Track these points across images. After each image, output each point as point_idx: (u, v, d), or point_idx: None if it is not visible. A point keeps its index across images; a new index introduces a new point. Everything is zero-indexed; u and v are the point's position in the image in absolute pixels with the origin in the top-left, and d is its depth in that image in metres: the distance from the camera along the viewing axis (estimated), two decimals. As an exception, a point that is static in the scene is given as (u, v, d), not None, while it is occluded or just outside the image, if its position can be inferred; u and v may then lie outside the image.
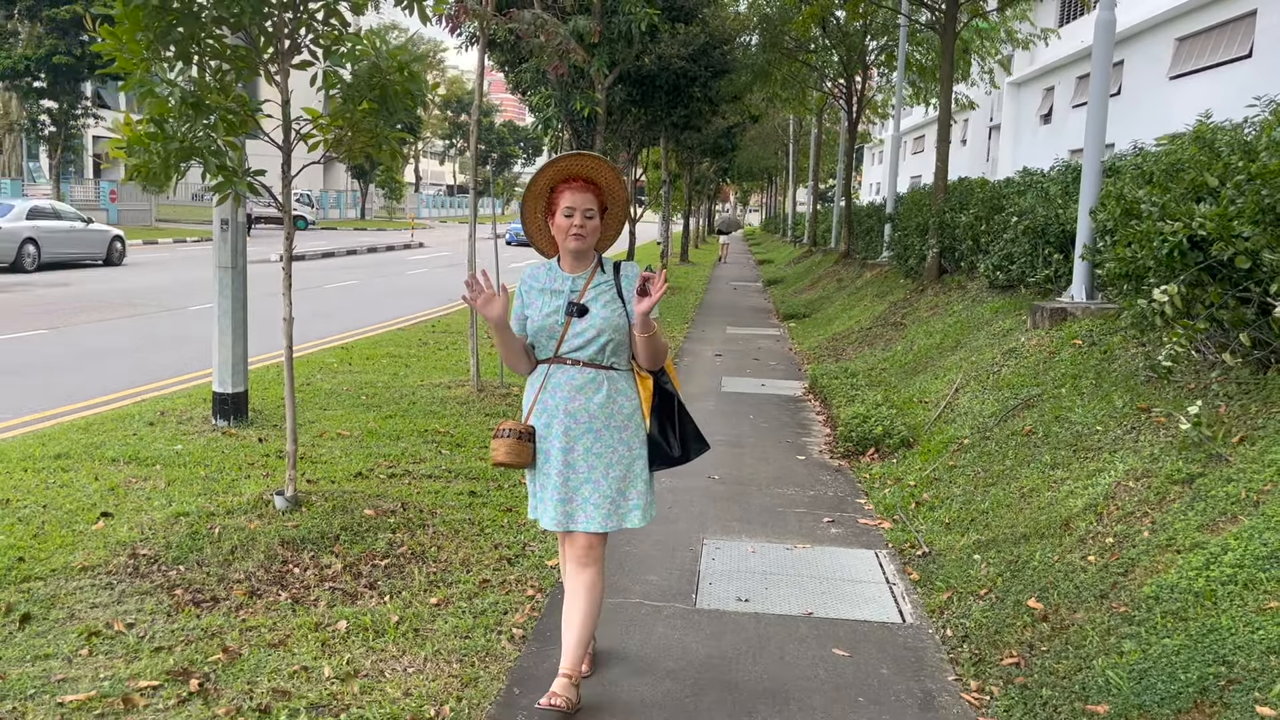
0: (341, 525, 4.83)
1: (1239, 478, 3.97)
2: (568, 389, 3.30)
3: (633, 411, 3.35)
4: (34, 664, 3.43)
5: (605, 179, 3.39)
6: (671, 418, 3.47)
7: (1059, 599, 3.92)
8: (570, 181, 3.33)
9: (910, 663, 3.75)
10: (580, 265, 3.38)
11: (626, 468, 3.33)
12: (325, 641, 3.70)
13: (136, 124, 4.81)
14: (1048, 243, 8.78)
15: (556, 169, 3.37)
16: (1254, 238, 4.49)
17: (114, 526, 4.84)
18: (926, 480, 6.02)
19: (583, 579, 3.33)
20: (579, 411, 3.29)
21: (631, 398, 3.36)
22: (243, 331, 7.35)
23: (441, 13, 6.80)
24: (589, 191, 3.32)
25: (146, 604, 3.97)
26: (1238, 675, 2.93)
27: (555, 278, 3.39)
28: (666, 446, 3.44)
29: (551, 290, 3.36)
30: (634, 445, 3.34)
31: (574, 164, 3.38)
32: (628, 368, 3.39)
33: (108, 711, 3.12)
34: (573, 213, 3.29)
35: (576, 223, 3.28)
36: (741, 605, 4.25)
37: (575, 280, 3.35)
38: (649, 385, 3.42)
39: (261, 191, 4.91)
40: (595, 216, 3.32)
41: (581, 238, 3.29)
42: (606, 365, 3.32)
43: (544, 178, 3.37)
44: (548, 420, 3.33)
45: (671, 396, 3.48)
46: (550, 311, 3.32)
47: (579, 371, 3.31)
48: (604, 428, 3.30)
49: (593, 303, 3.31)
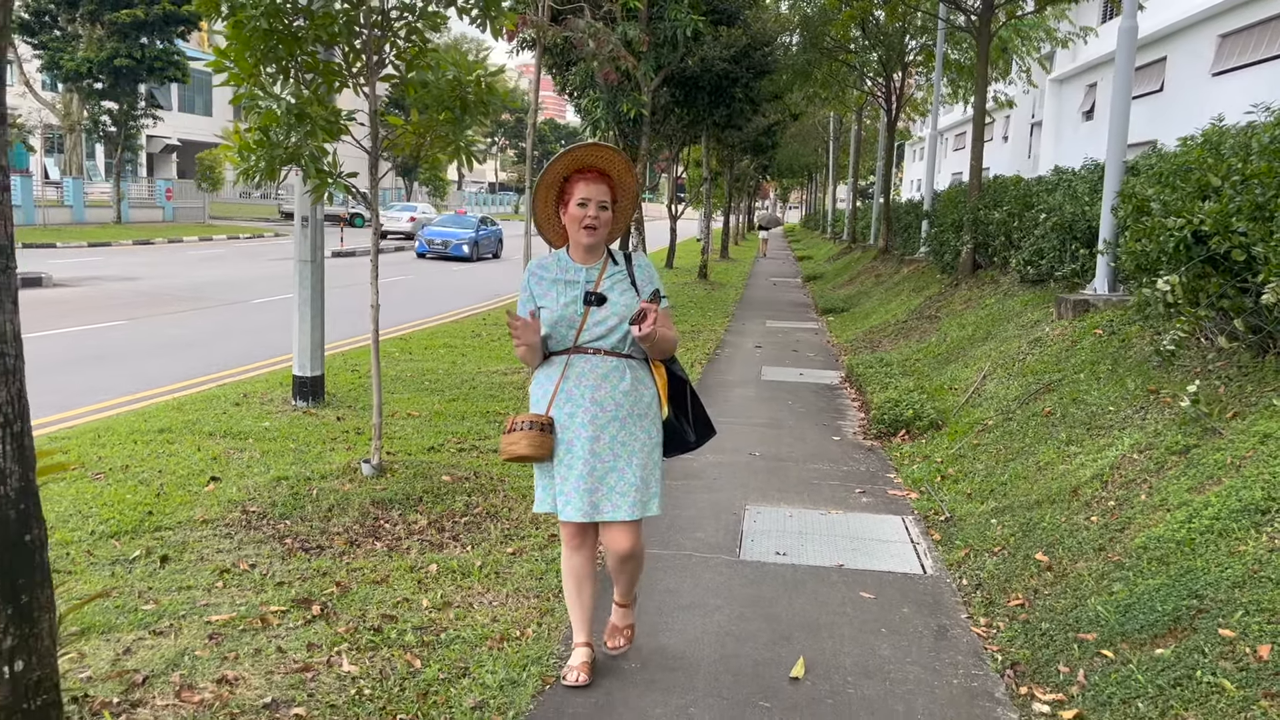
0: (423, 489, 5.43)
1: (1228, 447, 4.44)
2: (592, 377, 3.30)
3: (652, 399, 3.38)
4: (180, 593, 4.05)
5: (617, 170, 3.38)
6: (684, 404, 3.52)
7: (1063, 553, 4.42)
8: (584, 172, 3.33)
9: (928, 604, 4.28)
10: (592, 257, 3.38)
11: (648, 455, 3.35)
12: (420, 580, 4.30)
13: (245, 132, 5.44)
14: (1075, 238, 9.20)
15: (571, 158, 3.35)
16: (1250, 232, 4.94)
17: (223, 488, 5.48)
18: (952, 457, 6.51)
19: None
20: (606, 400, 3.29)
21: (650, 386, 3.39)
22: (320, 320, 7.99)
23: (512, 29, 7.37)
24: (603, 183, 3.32)
25: (263, 550, 4.59)
26: (1207, 606, 3.43)
27: (567, 268, 3.38)
28: (682, 432, 3.50)
29: (565, 281, 3.35)
30: (654, 433, 3.38)
31: (588, 154, 3.36)
32: (644, 356, 3.40)
33: (248, 628, 3.73)
34: (587, 203, 3.29)
35: (590, 214, 3.28)
36: (779, 558, 4.79)
37: (589, 271, 3.36)
38: (663, 373, 3.46)
39: (354, 192, 5.51)
40: (608, 208, 3.33)
41: (594, 230, 3.30)
42: (626, 354, 3.34)
43: (558, 167, 3.36)
44: (571, 410, 3.31)
45: (684, 383, 3.52)
46: (568, 301, 3.31)
47: (601, 360, 3.31)
48: (629, 416, 3.31)
49: (609, 292, 3.33)
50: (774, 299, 19.62)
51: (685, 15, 11.95)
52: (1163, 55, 22.94)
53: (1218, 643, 3.21)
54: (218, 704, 3.12)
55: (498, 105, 5.44)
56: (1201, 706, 2.99)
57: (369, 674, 3.42)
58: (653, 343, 3.24)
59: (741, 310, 17.05)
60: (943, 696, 3.45)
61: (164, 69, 33.43)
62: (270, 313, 14.23)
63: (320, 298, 7.99)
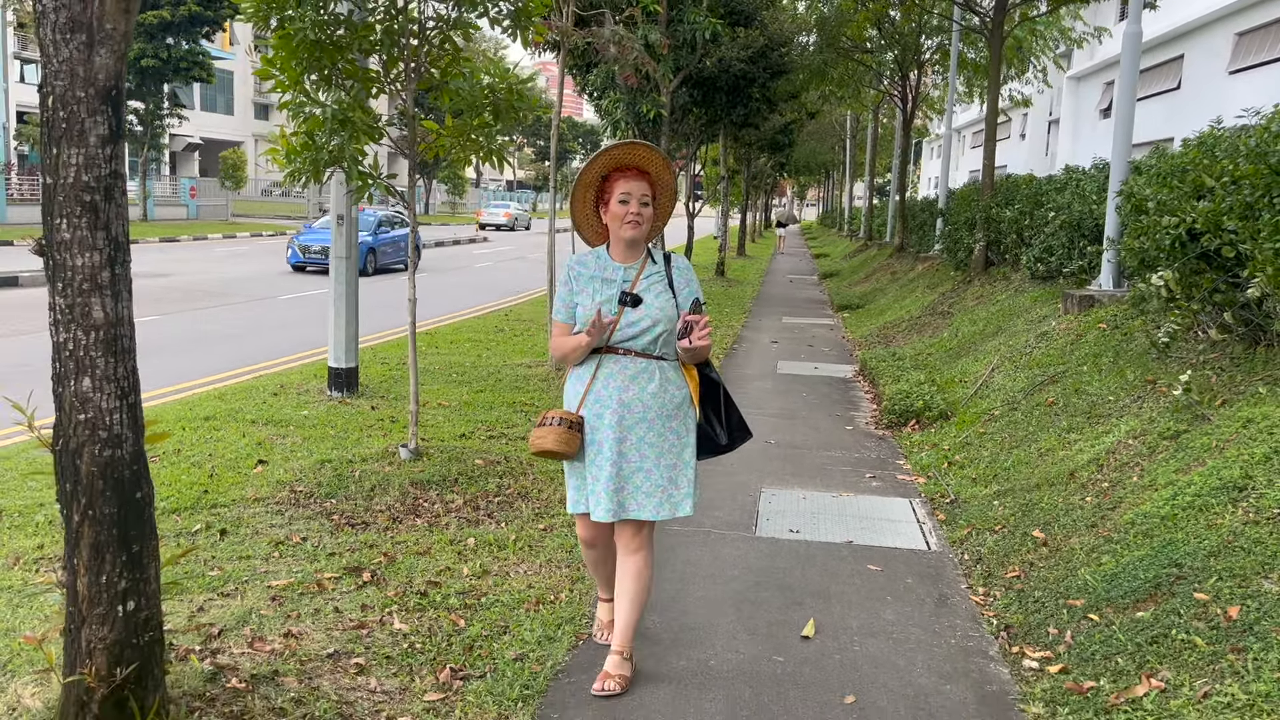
0: (458, 471, 5.78)
1: (1214, 432, 4.74)
2: (621, 379, 3.32)
3: (683, 400, 3.38)
4: (240, 562, 4.41)
5: (656, 168, 3.41)
6: (717, 406, 3.53)
7: (1058, 530, 4.73)
8: (623, 170, 3.36)
9: (931, 576, 4.59)
10: (632, 255, 3.41)
11: (677, 456, 3.36)
12: (459, 552, 4.65)
13: (291, 136, 5.80)
14: (1082, 236, 9.47)
15: (610, 157, 3.37)
16: (1239, 231, 5.23)
17: (270, 470, 5.85)
18: (959, 445, 6.82)
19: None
20: (633, 402, 3.30)
21: (681, 387, 3.39)
22: (355, 314, 8.35)
23: (540, 39, 7.71)
24: (643, 179, 3.35)
25: (312, 525, 4.95)
26: (1184, 573, 3.73)
27: (605, 266, 3.40)
28: (714, 435, 3.51)
29: (603, 279, 3.37)
30: (684, 434, 3.38)
31: (627, 153, 3.38)
32: (675, 357, 3.41)
33: (306, 592, 4.09)
34: (628, 199, 3.31)
35: (633, 209, 3.31)
36: (793, 535, 5.12)
37: (627, 270, 3.38)
38: (694, 375, 3.46)
39: (394, 193, 5.87)
40: (650, 204, 3.36)
41: (637, 224, 3.32)
42: (658, 355, 3.35)
43: (597, 166, 3.38)
44: (599, 410, 3.33)
45: (717, 385, 3.52)
46: (604, 300, 3.33)
47: (631, 361, 3.33)
48: (656, 417, 3.32)
49: (645, 293, 3.33)
50: (790, 296, 19.92)
51: (704, 18, 12.28)
52: (1180, 53, 23.08)
53: (1192, 605, 3.51)
54: (286, 652, 3.47)
55: (528, 110, 5.78)
56: (1175, 660, 3.30)
57: (418, 631, 3.77)
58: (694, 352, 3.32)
59: (758, 307, 17.36)
60: (940, 654, 3.77)
61: (189, 69, 34.00)
62: (299, 309, 14.64)
63: (355, 293, 8.36)
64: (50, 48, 2.36)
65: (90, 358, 2.50)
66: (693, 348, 3.25)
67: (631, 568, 3.40)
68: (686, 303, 3.37)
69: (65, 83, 2.36)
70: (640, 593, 3.42)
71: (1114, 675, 3.37)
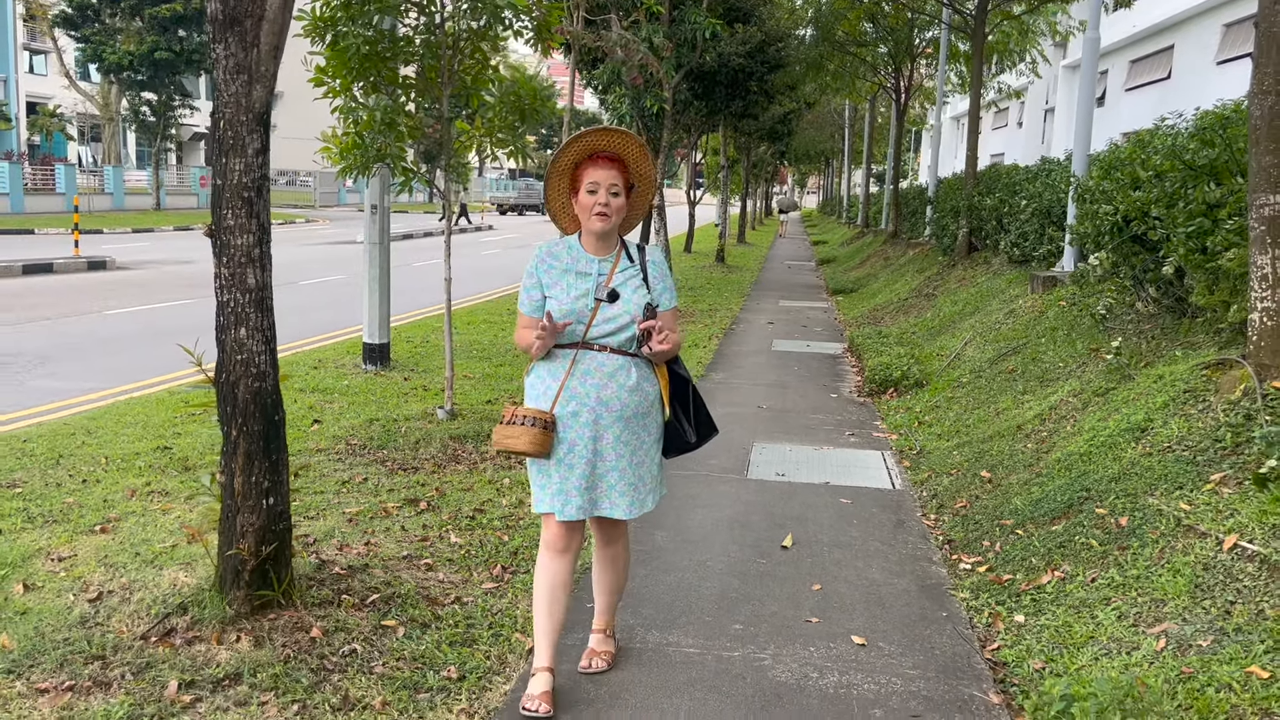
0: (489, 428, 6.66)
1: (1134, 388, 5.61)
2: (599, 376, 3.19)
3: (655, 398, 3.29)
4: (315, 495, 5.30)
5: (632, 155, 3.24)
6: (686, 403, 3.40)
7: (1002, 471, 5.61)
8: (596, 158, 3.19)
9: (892, 507, 5.48)
10: (605, 247, 3.27)
11: (646, 454, 3.29)
12: (498, 488, 5.53)
13: (342, 135, 6.65)
14: (1051, 222, 10.33)
15: (582, 144, 3.21)
16: (1163, 217, 6.08)
17: (325, 427, 6.72)
18: (929, 408, 7.70)
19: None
20: (611, 400, 3.19)
21: (654, 384, 3.30)
22: (387, 294, 9.22)
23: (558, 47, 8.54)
24: (614, 168, 3.17)
25: (370, 469, 5.83)
26: (1091, 495, 4.61)
27: (579, 258, 3.26)
28: (683, 432, 3.39)
29: (576, 272, 3.24)
30: (654, 432, 3.31)
31: (599, 139, 3.22)
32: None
33: (376, 515, 4.97)
34: (596, 188, 3.15)
35: (601, 200, 3.15)
36: (778, 477, 6.00)
37: (602, 263, 3.25)
38: (665, 372, 3.35)
39: (434, 186, 6.72)
40: (620, 194, 3.18)
41: (606, 217, 3.16)
42: (633, 352, 3.24)
43: (569, 153, 3.22)
44: (575, 409, 3.19)
45: (686, 382, 3.40)
46: (579, 294, 3.20)
47: (608, 358, 3.21)
48: (632, 415, 3.23)
49: (622, 288, 3.22)
50: (788, 281, 20.77)
51: (704, 18, 13.11)
52: (1170, 44, 23.88)
53: (1094, 518, 4.39)
54: (370, 554, 4.36)
55: (551, 115, 6.63)
56: (1075, 558, 4.18)
57: (471, 544, 4.66)
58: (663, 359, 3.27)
59: (757, 291, 18.22)
60: (893, 559, 4.66)
61: (201, 61, 34.79)
62: (320, 293, 15.51)
63: (387, 275, 9.22)
64: (222, 84, 3.22)
65: (246, 313, 3.38)
66: (653, 353, 3.20)
67: (609, 556, 3.44)
68: (660, 298, 3.26)
69: (232, 110, 3.23)
70: (619, 578, 3.48)
71: (1027, 571, 4.25)
